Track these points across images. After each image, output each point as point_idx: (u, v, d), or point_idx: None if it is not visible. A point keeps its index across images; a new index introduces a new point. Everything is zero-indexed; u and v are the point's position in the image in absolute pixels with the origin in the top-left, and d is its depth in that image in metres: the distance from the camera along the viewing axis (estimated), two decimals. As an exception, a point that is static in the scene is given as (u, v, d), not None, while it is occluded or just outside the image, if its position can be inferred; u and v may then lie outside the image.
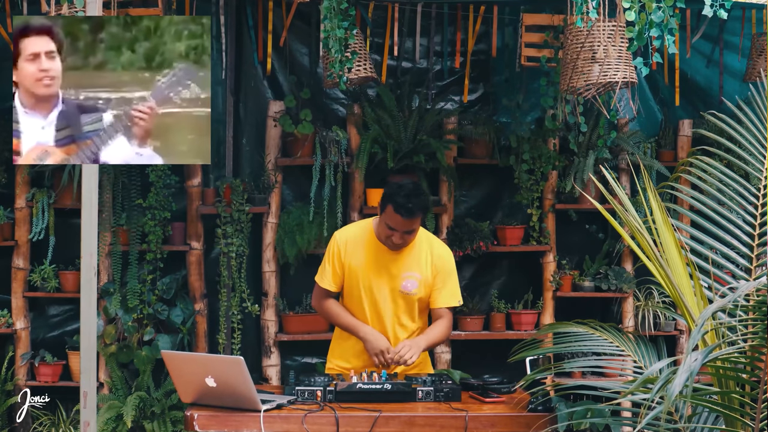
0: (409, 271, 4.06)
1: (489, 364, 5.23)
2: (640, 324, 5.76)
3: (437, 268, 4.07)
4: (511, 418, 3.53)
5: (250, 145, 5.89)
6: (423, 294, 4.07)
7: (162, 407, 5.43)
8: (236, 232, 5.67)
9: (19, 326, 5.60)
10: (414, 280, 4.05)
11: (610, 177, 3.28)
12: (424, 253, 4.07)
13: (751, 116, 3.61)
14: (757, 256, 3.44)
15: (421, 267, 4.06)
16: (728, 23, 5.79)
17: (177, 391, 3.96)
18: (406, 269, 4.06)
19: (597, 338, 3.62)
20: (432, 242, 4.14)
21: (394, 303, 4.07)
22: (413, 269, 4.06)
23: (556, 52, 5.22)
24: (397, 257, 4.05)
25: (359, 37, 5.24)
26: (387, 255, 4.05)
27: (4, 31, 5.30)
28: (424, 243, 4.10)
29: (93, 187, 3.48)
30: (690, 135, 5.93)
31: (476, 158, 5.89)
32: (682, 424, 3.16)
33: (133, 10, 4.71)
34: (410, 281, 4.05)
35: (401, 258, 4.05)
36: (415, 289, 4.05)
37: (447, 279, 4.10)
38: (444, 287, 4.09)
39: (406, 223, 3.89)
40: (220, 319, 5.70)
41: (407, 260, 4.06)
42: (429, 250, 4.08)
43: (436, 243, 4.16)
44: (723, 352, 2.83)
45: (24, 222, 5.62)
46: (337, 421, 3.44)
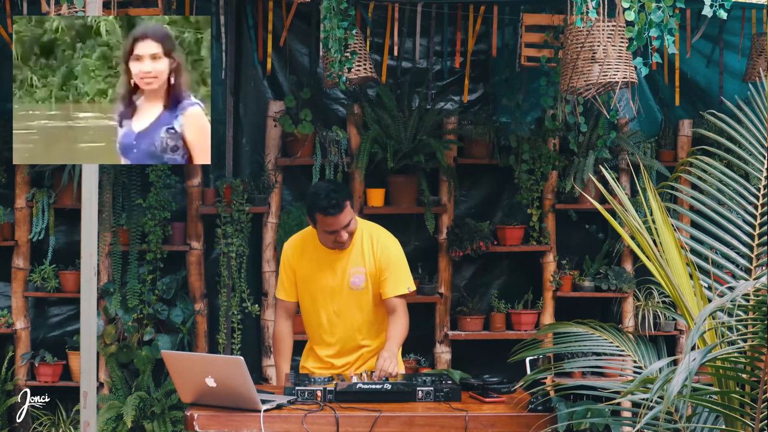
0: (354, 266, 4.06)
1: (489, 364, 5.22)
2: (640, 324, 5.76)
3: (381, 258, 4.04)
4: (511, 418, 3.53)
5: (250, 145, 5.89)
6: (372, 287, 4.06)
7: (162, 407, 5.43)
8: (236, 232, 5.67)
9: (19, 326, 5.60)
10: (360, 275, 4.05)
11: (610, 177, 3.28)
12: (367, 246, 4.06)
13: (751, 116, 3.61)
14: (757, 256, 3.44)
15: (366, 260, 4.05)
16: (728, 23, 5.79)
17: (177, 391, 3.96)
18: (352, 265, 4.06)
19: (597, 338, 3.62)
20: (373, 233, 4.10)
21: (346, 302, 4.07)
22: (358, 264, 4.05)
23: (556, 52, 5.22)
24: (341, 255, 4.05)
25: (359, 37, 5.24)
26: (331, 255, 4.06)
27: (4, 31, 5.30)
28: (365, 235, 4.08)
29: (93, 187, 3.48)
30: (690, 135, 5.93)
31: (476, 158, 5.89)
32: (681, 424, 3.16)
33: (132, 10, 4.70)
34: (357, 276, 4.05)
35: (345, 255, 4.05)
36: (363, 283, 4.06)
37: (393, 267, 4.05)
38: (390, 276, 4.04)
39: (339, 219, 3.90)
40: (220, 319, 5.70)
41: (351, 256, 4.06)
42: (371, 242, 4.07)
43: (377, 232, 4.12)
44: (722, 352, 2.83)
45: (24, 222, 5.62)
46: (337, 421, 3.44)
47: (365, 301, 4.09)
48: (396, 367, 3.85)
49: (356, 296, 4.08)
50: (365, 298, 4.08)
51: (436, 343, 5.81)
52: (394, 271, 4.05)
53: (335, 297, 4.08)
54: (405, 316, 4.08)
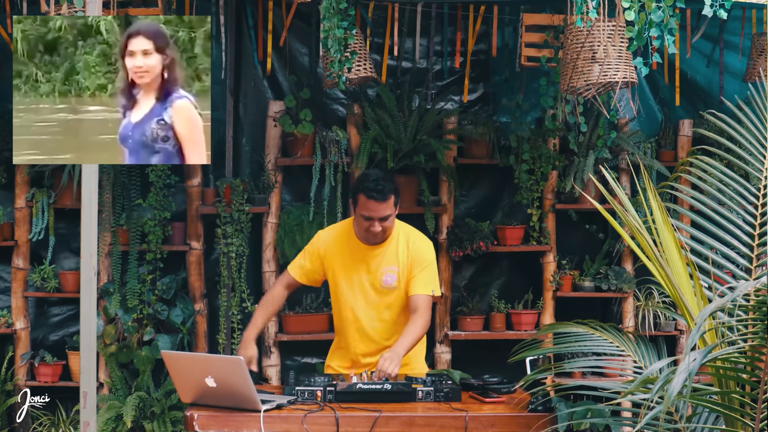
0: (387, 265, 4.07)
1: (489, 364, 5.22)
2: (640, 324, 5.75)
3: (413, 259, 4.06)
4: (511, 418, 3.53)
5: (250, 145, 5.89)
6: (403, 287, 4.08)
7: (162, 407, 5.43)
8: (236, 232, 5.67)
9: (19, 326, 5.60)
10: (393, 274, 4.07)
11: (610, 177, 3.28)
12: (402, 246, 4.08)
13: (751, 116, 3.61)
14: (757, 256, 3.43)
15: (399, 259, 4.07)
16: (728, 23, 5.79)
17: (177, 391, 3.96)
18: (385, 264, 4.07)
19: (597, 338, 3.62)
20: (410, 234, 4.13)
21: (376, 299, 4.09)
22: (392, 263, 4.07)
23: (556, 52, 5.22)
24: (376, 253, 4.07)
25: (359, 37, 5.23)
26: (365, 251, 4.08)
27: (3, 31, 5.30)
28: (402, 236, 4.10)
29: (93, 187, 3.48)
30: (690, 135, 5.93)
31: (476, 158, 5.89)
32: (682, 424, 3.16)
33: (132, 10, 4.70)
34: (389, 275, 4.07)
35: (379, 253, 4.07)
36: (394, 282, 4.08)
37: (423, 268, 4.06)
38: (419, 274, 4.05)
39: (380, 207, 3.91)
40: (220, 319, 5.70)
41: (385, 255, 4.07)
42: (406, 243, 4.09)
43: (414, 234, 4.14)
44: (723, 352, 2.83)
45: (24, 222, 5.62)
46: (337, 421, 3.44)
47: (395, 301, 4.10)
48: (396, 368, 3.82)
49: (387, 295, 4.09)
50: (395, 297, 4.09)
51: (436, 343, 5.81)
52: (424, 271, 4.06)
53: (367, 294, 4.10)
54: (425, 317, 4.03)
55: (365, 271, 4.10)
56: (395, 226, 4.10)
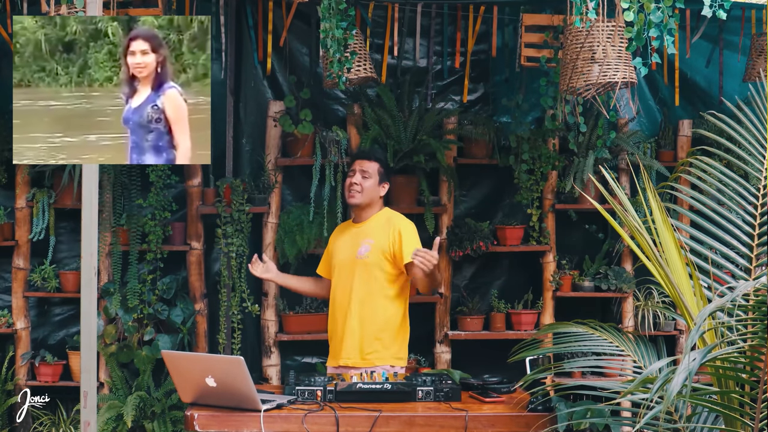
0: (365, 238, 4.29)
1: (489, 364, 5.23)
2: (640, 324, 5.76)
3: (395, 236, 4.23)
4: (511, 418, 3.54)
5: (250, 145, 5.89)
6: (376, 259, 4.21)
7: (162, 407, 5.44)
8: (236, 232, 5.67)
9: (20, 326, 5.60)
10: (367, 245, 4.25)
11: (609, 177, 3.29)
12: (382, 223, 4.31)
13: (750, 116, 3.62)
14: (757, 256, 3.44)
15: (378, 235, 4.26)
16: (728, 23, 5.79)
17: (177, 390, 3.96)
18: (363, 237, 4.30)
19: (597, 338, 3.62)
20: (391, 216, 4.38)
21: (352, 272, 4.27)
22: (369, 236, 4.28)
23: (556, 52, 5.22)
24: (359, 229, 4.34)
25: (359, 37, 5.24)
26: (352, 229, 4.37)
27: (4, 31, 5.30)
28: (384, 217, 4.36)
29: (93, 187, 3.49)
30: (690, 135, 5.93)
31: (476, 158, 5.90)
32: (681, 424, 3.16)
33: (133, 10, 4.71)
34: (364, 246, 4.26)
35: (361, 229, 4.33)
36: (367, 252, 4.23)
37: (408, 237, 4.23)
38: (406, 244, 4.20)
39: (363, 163, 4.33)
40: (220, 319, 5.71)
41: (366, 229, 4.33)
42: (387, 221, 4.32)
43: (397, 217, 4.37)
44: (722, 352, 2.84)
45: (24, 222, 5.62)
46: (337, 421, 3.44)
47: (369, 276, 4.23)
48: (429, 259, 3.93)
49: (362, 267, 4.25)
50: (369, 271, 4.23)
51: (436, 343, 5.81)
52: (409, 240, 4.22)
53: (344, 268, 4.32)
54: None
55: (349, 247, 4.33)
56: (382, 211, 4.37)
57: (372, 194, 4.34)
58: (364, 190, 4.31)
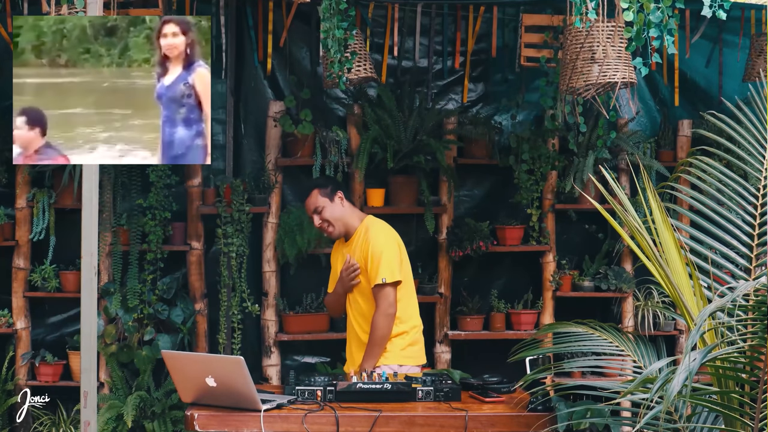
0: (353, 256, 4.29)
1: (489, 364, 5.22)
2: (640, 324, 5.76)
3: (368, 252, 4.21)
4: (511, 417, 3.54)
5: (250, 145, 5.89)
6: (364, 279, 4.24)
7: (162, 407, 5.44)
8: (236, 232, 5.67)
9: (20, 326, 5.61)
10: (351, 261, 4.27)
11: (609, 177, 3.29)
12: (363, 239, 4.26)
13: (750, 116, 3.62)
14: (757, 256, 3.44)
15: (356, 254, 4.26)
16: (728, 23, 5.79)
17: (177, 390, 3.96)
18: (353, 254, 4.30)
19: (597, 338, 3.62)
20: (369, 227, 4.29)
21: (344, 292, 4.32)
22: (355, 256, 4.28)
23: (556, 52, 5.23)
24: (347, 249, 4.32)
25: (359, 38, 5.24)
26: (344, 249, 4.36)
27: (4, 30, 5.30)
28: (363, 230, 4.30)
29: (93, 187, 3.49)
30: (689, 135, 5.93)
31: (476, 158, 5.90)
32: (681, 424, 3.16)
33: (133, 10, 4.71)
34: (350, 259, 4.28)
35: (349, 249, 4.31)
36: None
37: (375, 259, 4.19)
38: (372, 268, 4.18)
39: (308, 203, 4.31)
40: (221, 319, 5.71)
41: (352, 249, 4.30)
42: (365, 236, 4.25)
43: (373, 227, 4.29)
44: (722, 352, 2.84)
45: (24, 222, 5.62)
46: (337, 421, 3.45)
47: (357, 292, 4.28)
48: None
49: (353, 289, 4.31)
50: (361, 290, 4.26)
51: (436, 343, 5.81)
52: (375, 261, 4.18)
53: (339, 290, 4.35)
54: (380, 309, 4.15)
55: (341, 267, 4.33)
56: (361, 224, 4.30)
57: (340, 217, 4.30)
58: (332, 222, 4.28)
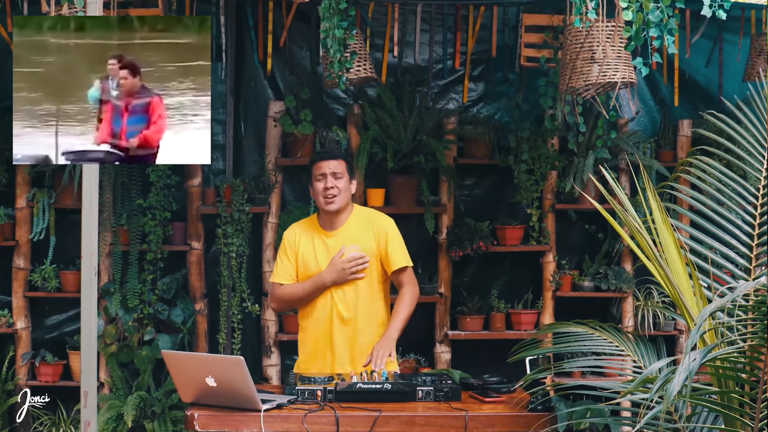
0: (350, 244, 4.09)
1: (489, 363, 5.23)
2: (640, 324, 5.76)
3: (380, 237, 4.11)
4: (511, 417, 3.54)
5: (250, 145, 5.89)
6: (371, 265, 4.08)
7: (162, 407, 5.44)
8: (236, 232, 5.68)
9: (20, 326, 5.61)
10: (353, 252, 4.06)
11: (609, 177, 3.29)
12: (364, 227, 4.13)
13: (750, 116, 3.62)
14: (757, 256, 3.44)
15: (361, 240, 4.09)
16: (728, 23, 5.79)
17: (177, 390, 3.96)
18: (347, 243, 4.09)
19: (596, 338, 3.62)
20: (372, 216, 4.20)
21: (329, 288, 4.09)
22: (354, 243, 4.09)
23: (556, 52, 5.23)
24: (336, 237, 4.12)
25: (359, 37, 5.24)
26: (326, 237, 4.13)
27: (4, 30, 5.30)
28: (362, 218, 4.17)
29: (93, 187, 3.49)
30: (689, 135, 5.93)
31: (476, 158, 5.90)
32: (681, 424, 3.16)
33: (133, 10, 4.71)
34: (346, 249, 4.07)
35: (339, 236, 4.12)
36: None
37: (394, 243, 4.12)
38: (394, 250, 4.11)
39: (330, 164, 4.07)
40: (221, 319, 5.71)
41: (345, 236, 4.11)
42: (369, 223, 4.14)
43: (376, 215, 4.22)
44: (722, 352, 2.84)
45: (25, 222, 5.63)
46: (337, 421, 3.44)
47: (357, 282, 4.10)
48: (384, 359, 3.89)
49: None
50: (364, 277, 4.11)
51: (436, 343, 5.81)
52: (396, 245, 4.12)
53: None
54: (414, 289, 4.15)
55: (327, 254, 4.11)
56: (353, 209, 4.17)
57: (348, 195, 4.12)
58: (342, 192, 4.08)
